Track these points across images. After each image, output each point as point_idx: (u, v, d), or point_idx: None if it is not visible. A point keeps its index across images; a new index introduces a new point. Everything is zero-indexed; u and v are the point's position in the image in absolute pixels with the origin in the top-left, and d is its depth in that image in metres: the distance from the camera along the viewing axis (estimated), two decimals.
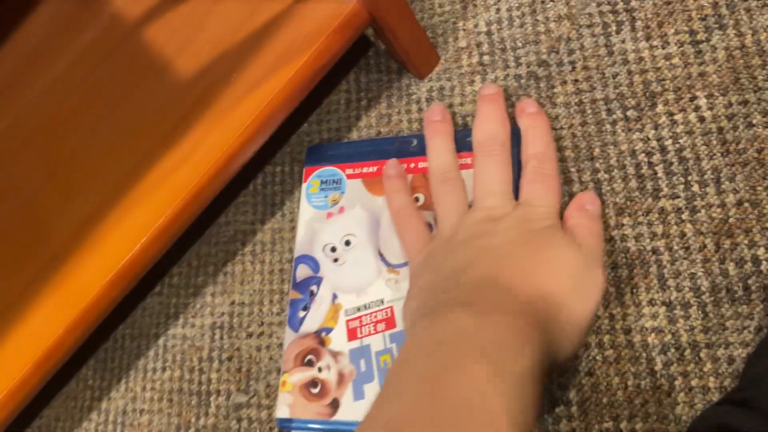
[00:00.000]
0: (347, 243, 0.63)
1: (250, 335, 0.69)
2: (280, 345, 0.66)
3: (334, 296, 0.61)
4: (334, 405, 0.57)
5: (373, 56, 0.72)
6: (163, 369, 0.71)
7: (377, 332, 0.58)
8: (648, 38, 0.60)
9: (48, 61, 0.71)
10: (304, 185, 0.67)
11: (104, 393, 0.74)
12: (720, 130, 0.55)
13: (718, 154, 0.55)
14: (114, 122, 0.65)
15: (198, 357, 0.70)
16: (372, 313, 0.58)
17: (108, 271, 0.60)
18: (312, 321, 0.61)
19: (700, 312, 0.52)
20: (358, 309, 0.59)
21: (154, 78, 0.65)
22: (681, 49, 0.59)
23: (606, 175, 0.58)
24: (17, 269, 0.63)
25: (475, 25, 0.68)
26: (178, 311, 0.73)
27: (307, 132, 0.73)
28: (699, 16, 0.59)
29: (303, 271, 0.63)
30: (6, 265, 0.64)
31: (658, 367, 0.52)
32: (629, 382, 0.53)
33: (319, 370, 0.59)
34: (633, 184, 0.57)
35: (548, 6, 0.65)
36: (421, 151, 0.63)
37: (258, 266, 0.71)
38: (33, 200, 0.65)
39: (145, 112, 0.64)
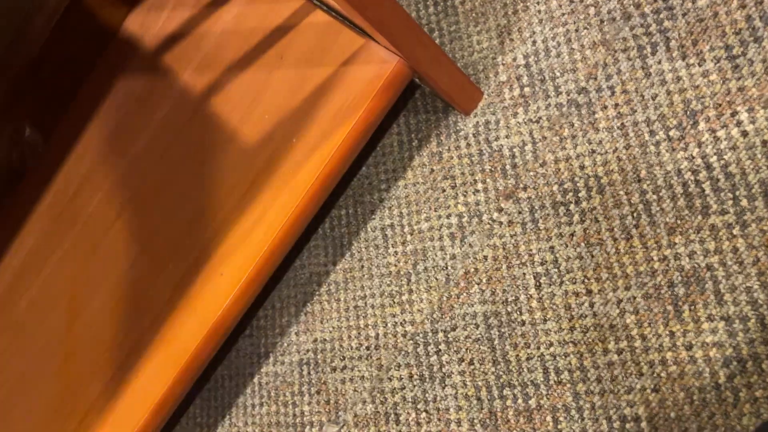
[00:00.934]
0: None
1: (334, 369, 0.75)
2: (362, 377, 0.72)
3: None
4: None
5: (420, 97, 0.76)
6: (261, 405, 0.79)
7: None
8: (684, 57, 0.62)
9: (129, 139, 0.79)
10: None
11: (211, 429, 0.82)
12: (764, 143, 0.56)
13: (764, 168, 0.56)
14: (193, 192, 0.72)
15: (290, 392, 0.77)
16: None
17: (203, 328, 0.67)
18: None
19: (758, 324, 0.54)
20: None
21: (224, 148, 0.72)
22: (718, 65, 0.60)
23: (654, 196, 0.60)
24: (125, 333, 0.72)
25: (514, 59, 0.71)
26: (268, 350, 0.80)
27: (366, 175, 0.78)
28: (733, 30, 0.60)
29: None
30: (115, 330, 0.73)
31: (722, 380, 0.55)
32: (695, 397, 0.55)
33: None
34: (682, 202, 0.59)
35: (582, 34, 0.67)
36: None
37: (334, 305, 0.76)
38: (131, 270, 0.74)
39: (218, 180, 0.71)
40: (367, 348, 0.73)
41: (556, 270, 0.64)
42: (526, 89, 0.69)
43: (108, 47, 0.86)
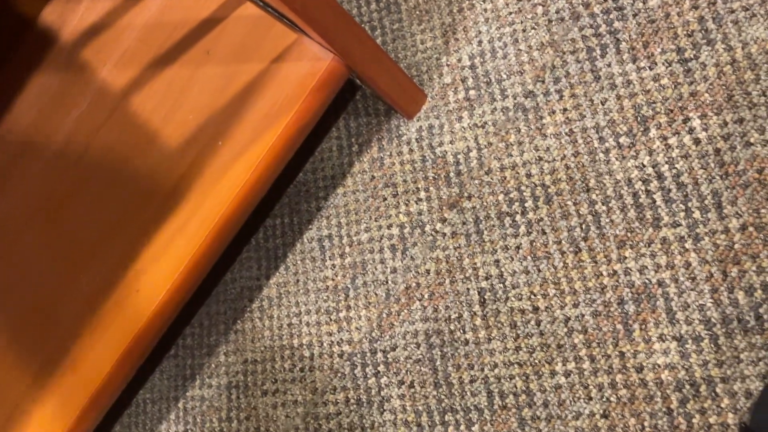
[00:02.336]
0: None
1: (265, 393, 0.69)
2: (295, 402, 0.67)
3: None
4: None
5: (361, 99, 0.72)
6: (185, 431, 0.72)
7: None
8: (634, 60, 0.58)
9: (42, 140, 0.72)
10: None
11: None
12: (717, 151, 0.53)
13: (717, 177, 0.53)
14: (110, 198, 0.66)
15: (217, 418, 0.71)
16: None
17: (117, 350, 0.60)
18: None
19: (712, 345, 0.51)
20: None
21: (145, 150, 0.65)
22: (669, 68, 0.57)
23: (603, 207, 0.57)
24: (30, 355, 0.65)
25: (459, 60, 0.67)
26: (194, 372, 0.74)
27: (303, 181, 0.73)
28: (685, 32, 0.57)
29: None
30: (18, 351, 0.65)
31: (674, 405, 0.51)
32: (646, 423, 0.52)
33: None
34: (632, 214, 0.56)
35: (530, 34, 0.63)
36: None
37: (267, 322, 0.71)
38: (39, 284, 0.66)
39: (138, 185, 0.65)
40: (301, 370, 0.67)
41: (501, 285, 0.60)
42: (472, 92, 0.65)
43: (23, 40, 0.79)
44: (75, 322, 0.63)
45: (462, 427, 0.58)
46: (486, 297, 0.60)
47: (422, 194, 0.66)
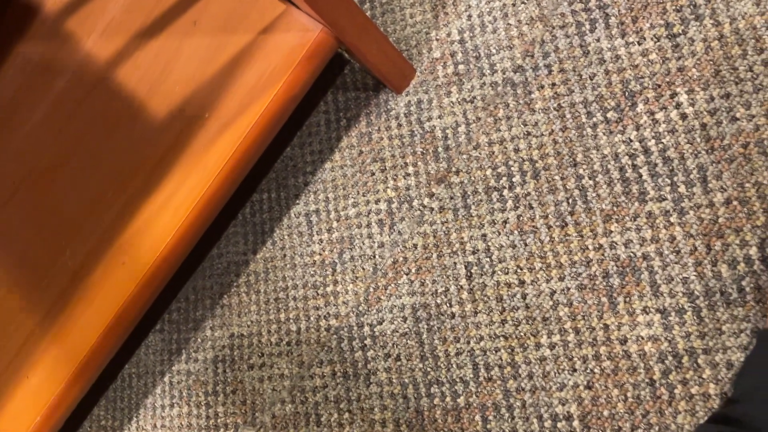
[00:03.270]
0: None
1: (251, 367, 0.69)
2: (282, 375, 0.67)
3: None
4: None
5: (349, 74, 0.71)
6: (171, 406, 0.72)
7: None
8: (623, 35, 0.58)
9: (24, 112, 0.71)
10: None
11: None
12: (703, 126, 0.54)
13: (703, 152, 0.53)
14: (94, 170, 0.65)
15: (203, 392, 0.71)
16: None
17: (102, 323, 0.60)
18: None
19: (695, 317, 0.51)
20: None
21: (130, 122, 0.65)
22: (658, 43, 0.57)
23: (590, 181, 0.57)
24: (15, 328, 0.64)
25: (448, 34, 0.66)
26: (180, 347, 0.73)
27: (291, 156, 0.73)
28: (674, 7, 0.57)
29: None
30: (3, 324, 0.65)
31: (657, 376, 0.52)
32: (629, 394, 0.52)
33: None
34: (618, 188, 0.56)
35: (519, 9, 0.63)
36: None
37: (254, 296, 0.71)
38: (24, 256, 0.66)
39: (123, 158, 0.64)
40: (288, 344, 0.67)
41: (487, 259, 0.60)
42: (461, 67, 0.65)
43: (6, 11, 0.77)
44: (61, 295, 0.63)
45: (447, 399, 0.59)
46: (473, 271, 0.60)
47: (410, 169, 0.66)
